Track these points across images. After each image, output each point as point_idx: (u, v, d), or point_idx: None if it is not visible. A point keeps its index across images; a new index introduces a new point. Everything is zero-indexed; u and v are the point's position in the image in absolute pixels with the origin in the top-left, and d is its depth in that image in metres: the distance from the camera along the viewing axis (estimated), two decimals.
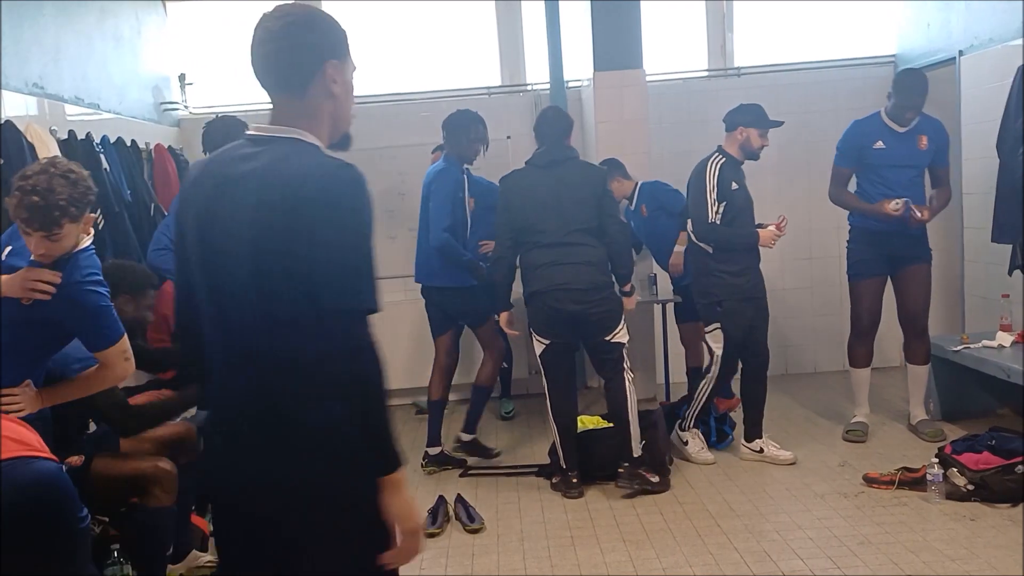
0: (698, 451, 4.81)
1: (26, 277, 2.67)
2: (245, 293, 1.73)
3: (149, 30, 6.01)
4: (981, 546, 3.57)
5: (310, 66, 1.82)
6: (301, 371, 1.71)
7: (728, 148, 4.77)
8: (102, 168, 4.54)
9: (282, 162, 1.74)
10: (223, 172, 1.81)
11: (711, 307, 4.68)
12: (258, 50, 1.80)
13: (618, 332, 4.41)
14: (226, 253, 1.75)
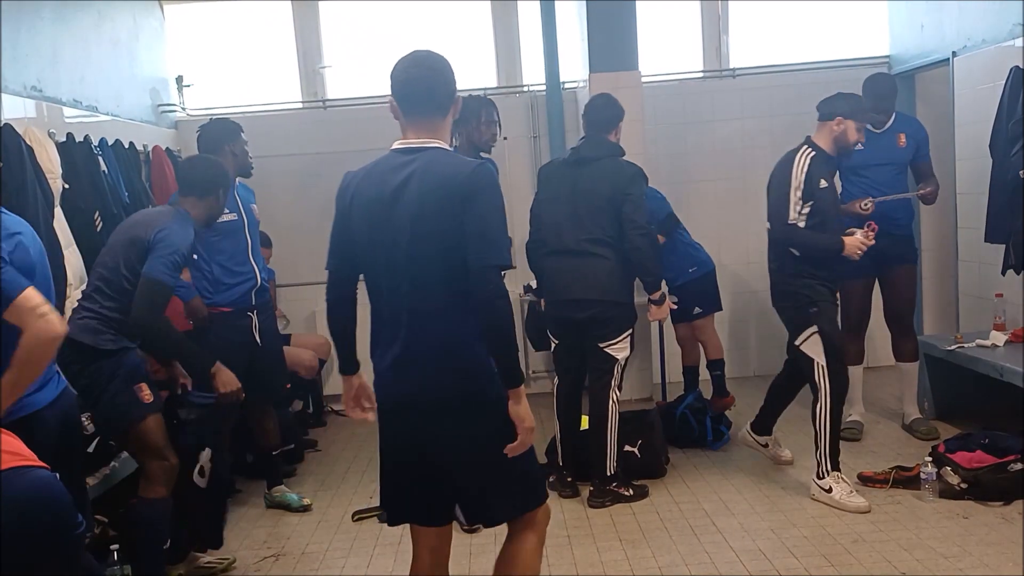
0: (847, 496, 4.04)
1: None
2: (410, 260, 2.42)
3: (146, 33, 6.03)
4: (974, 544, 3.61)
5: (450, 98, 2.55)
6: (452, 315, 2.41)
7: (819, 141, 4.22)
8: (100, 170, 4.57)
9: (435, 163, 2.44)
10: (386, 178, 2.48)
11: (803, 310, 4.12)
12: (418, 83, 2.50)
13: (614, 343, 4.25)
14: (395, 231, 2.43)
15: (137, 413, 3.37)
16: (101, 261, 3.52)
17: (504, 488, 2.51)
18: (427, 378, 2.44)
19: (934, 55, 5.88)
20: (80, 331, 3.34)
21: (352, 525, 4.32)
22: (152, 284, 3.34)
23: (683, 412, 5.15)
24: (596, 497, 4.31)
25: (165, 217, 3.56)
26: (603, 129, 4.36)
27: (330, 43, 6.79)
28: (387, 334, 2.53)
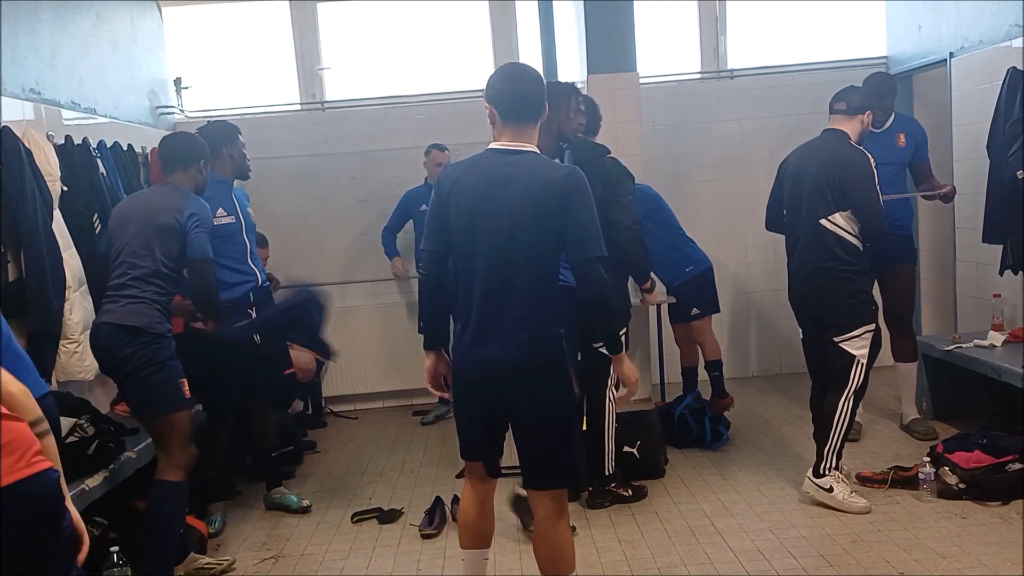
0: (848, 497, 4.02)
1: None
2: (506, 250, 2.75)
3: (144, 35, 6.03)
4: (972, 544, 3.61)
5: (542, 107, 2.87)
6: (537, 296, 2.77)
7: (852, 134, 4.10)
8: (99, 172, 4.57)
9: (535, 166, 2.78)
10: (487, 173, 2.81)
11: (863, 307, 4.02)
12: (516, 94, 2.80)
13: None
14: (495, 223, 2.75)
15: (180, 404, 3.57)
16: (129, 251, 3.58)
17: (558, 455, 2.82)
18: (511, 348, 2.77)
19: (931, 56, 5.89)
20: (129, 316, 3.49)
21: (351, 526, 4.32)
22: (205, 263, 3.64)
23: (682, 413, 5.16)
24: (595, 498, 4.31)
25: (180, 198, 3.67)
26: (589, 131, 4.36)
27: (328, 45, 6.79)
28: (478, 309, 2.82)
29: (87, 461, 3.59)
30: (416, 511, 4.37)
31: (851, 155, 4.03)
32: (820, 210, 4.01)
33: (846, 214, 3.98)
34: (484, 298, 2.80)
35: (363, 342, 6.48)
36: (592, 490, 4.32)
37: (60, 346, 4.08)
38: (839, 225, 4.00)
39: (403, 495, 4.68)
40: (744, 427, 5.44)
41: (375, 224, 6.47)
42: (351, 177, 6.53)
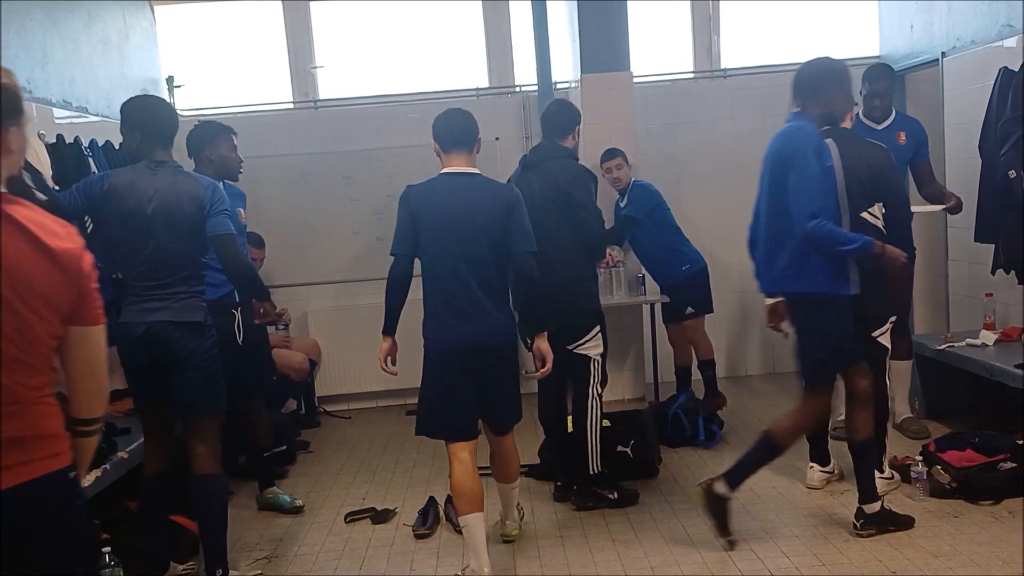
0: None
1: None
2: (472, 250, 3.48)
3: (137, 33, 6.01)
4: (964, 543, 3.63)
5: (475, 137, 3.65)
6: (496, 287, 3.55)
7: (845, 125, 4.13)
8: (91, 171, 4.54)
9: (487, 185, 3.59)
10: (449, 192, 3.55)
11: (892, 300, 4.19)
12: (458, 127, 3.59)
13: (583, 344, 4.19)
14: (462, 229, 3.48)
15: (225, 405, 3.64)
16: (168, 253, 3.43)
17: (511, 405, 3.71)
18: (484, 330, 3.52)
19: (924, 55, 5.91)
20: (188, 311, 3.47)
21: (345, 527, 4.32)
22: (233, 238, 3.58)
23: (676, 412, 5.16)
24: (580, 498, 4.30)
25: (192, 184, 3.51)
26: (555, 134, 4.34)
27: (321, 43, 6.78)
28: (452, 299, 3.52)
29: None
30: (410, 511, 4.36)
31: (877, 149, 4.09)
32: (859, 204, 3.96)
33: (877, 206, 4.00)
34: (463, 289, 3.50)
35: (356, 341, 6.46)
36: (578, 490, 4.31)
37: None
38: (876, 216, 4.01)
39: (396, 495, 4.67)
40: (738, 426, 5.45)
41: (368, 223, 6.47)
42: (344, 176, 6.52)
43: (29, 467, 1.85)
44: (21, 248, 1.82)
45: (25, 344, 1.84)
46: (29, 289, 1.82)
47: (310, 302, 6.60)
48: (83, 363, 1.97)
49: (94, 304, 1.95)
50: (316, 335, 6.49)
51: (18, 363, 1.83)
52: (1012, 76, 4.69)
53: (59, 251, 1.86)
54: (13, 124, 1.90)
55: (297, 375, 5.89)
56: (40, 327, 1.86)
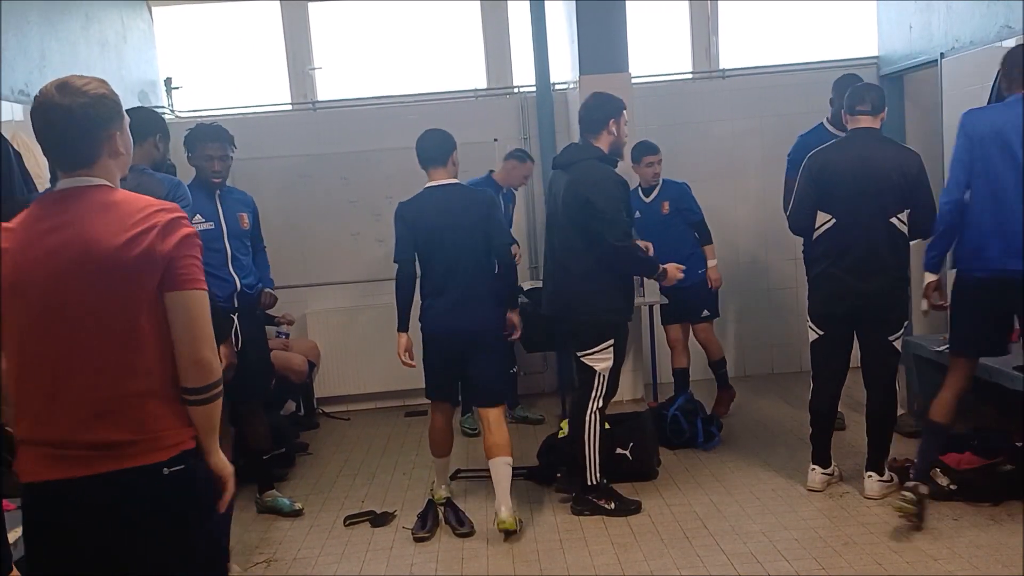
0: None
1: None
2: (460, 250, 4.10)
3: (135, 35, 6.00)
4: (963, 545, 3.63)
5: (448, 153, 4.22)
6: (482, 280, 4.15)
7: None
8: None
9: (463, 193, 4.22)
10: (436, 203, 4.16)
11: (909, 305, 4.28)
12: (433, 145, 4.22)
13: (591, 354, 4.16)
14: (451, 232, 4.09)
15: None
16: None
17: (501, 381, 4.31)
18: (469, 317, 4.10)
19: (922, 56, 5.91)
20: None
21: (344, 530, 4.32)
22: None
23: (674, 414, 5.16)
24: (576, 505, 4.28)
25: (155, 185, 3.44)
26: (587, 131, 4.21)
27: (320, 44, 6.77)
28: (444, 292, 4.13)
29: None
30: (409, 513, 4.36)
31: (911, 154, 4.11)
32: (891, 209, 4.00)
33: (905, 213, 4.02)
34: (451, 284, 4.11)
35: (355, 343, 6.46)
36: (575, 497, 4.29)
37: None
38: (904, 222, 4.04)
39: (396, 497, 4.67)
40: (736, 428, 5.45)
41: (367, 224, 6.46)
42: (343, 177, 6.51)
43: (116, 460, 1.99)
44: (106, 235, 1.99)
45: (129, 339, 2.00)
46: (114, 279, 1.98)
47: (309, 304, 6.59)
48: (177, 329, 2.03)
49: (184, 270, 2.03)
50: (315, 337, 6.48)
51: (119, 366, 2.00)
52: None
53: (146, 228, 2.00)
54: (117, 129, 2.10)
55: (296, 377, 5.88)
56: (135, 315, 2.00)
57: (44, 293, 2.00)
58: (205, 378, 2.06)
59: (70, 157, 2.06)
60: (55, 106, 2.04)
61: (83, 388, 2.00)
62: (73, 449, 1.99)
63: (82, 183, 2.06)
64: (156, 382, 2.03)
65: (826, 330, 4.24)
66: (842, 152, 4.12)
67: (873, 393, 4.23)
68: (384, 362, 6.45)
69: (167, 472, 2.02)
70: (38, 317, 2.01)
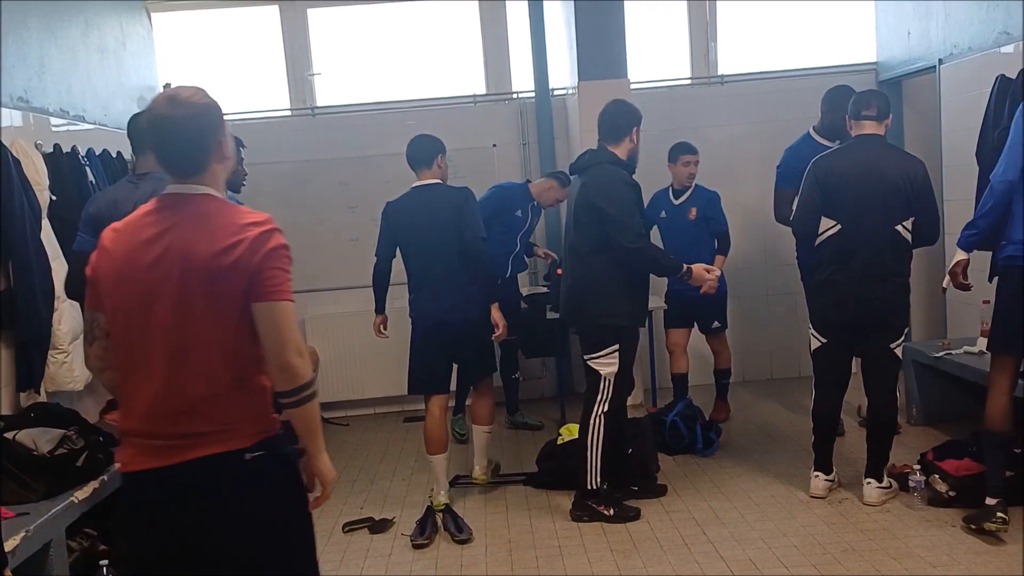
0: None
1: None
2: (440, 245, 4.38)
3: (134, 41, 6.00)
4: (962, 552, 3.63)
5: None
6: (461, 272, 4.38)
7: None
8: (88, 180, 4.54)
9: (444, 192, 4.47)
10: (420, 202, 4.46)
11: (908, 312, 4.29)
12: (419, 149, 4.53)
13: (596, 358, 4.17)
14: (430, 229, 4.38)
15: None
16: None
17: (486, 359, 4.62)
18: (452, 306, 4.37)
19: (921, 62, 5.92)
20: None
21: (342, 536, 4.31)
22: None
23: (673, 419, 5.16)
24: (575, 510, 4.28)
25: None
26: (607, 137, 4.22)
27: (319, 50, 6.78)
28: (426, 284, 4.43)
29: (76, 473, 3.56)
30: (407, 520, 4.36)
31: (917, 162, 4.11)
32: (897, 216, 4.00)
33: (910, 221, 4.03)
34: (430, 276, 4.41)
35: (354, 348, 6.46)
36: (574, 501, 4.29)
37: (49, 356, 4.06)
38: (908, 230, 4.05)
39: (394, 503, 4.66)
40: (735, 433, 5.45)
41: (366, 230, 6.45)
42: (342, 183, 6.51)
43: (188, 451, 2.13)
44: (202, 245, 2.11)
45: (221, 342, 2.12)
46: (207, 283, 2.10)
47: (307, 309, 6.59)
48: (264, 337, 2.14)
49: (269, 282, 2.12)
50: (313, 342, 6.46)
51: (212, 366, 2.13)
52: (1009, 83, 4.69)
53: (238, 241, 2.11)
54: (222, 135, 2.24)
55: None
56: (221, 316, 2.12)
57: (145, 294, 2.14)
58: (292, 382, 2.14)
59: (184, 165, 2.19)
60: (168, 118, 2.16)
61: (177, 386, 2.13)
62: (163, 439, 2.14)
63: (188, 191, 2.19)
64: (243, 381, 2.17)
65: (829, 337, 4.22)
66: (848, 158, 4.12)
67: (874, 400, 4.22)
68: (383, 368, 6.47)
69: (248, 458, 2.16)
70: (138, 315, 2.15)
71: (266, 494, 2.20)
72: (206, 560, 2.19)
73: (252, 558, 2.21)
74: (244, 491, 2.17)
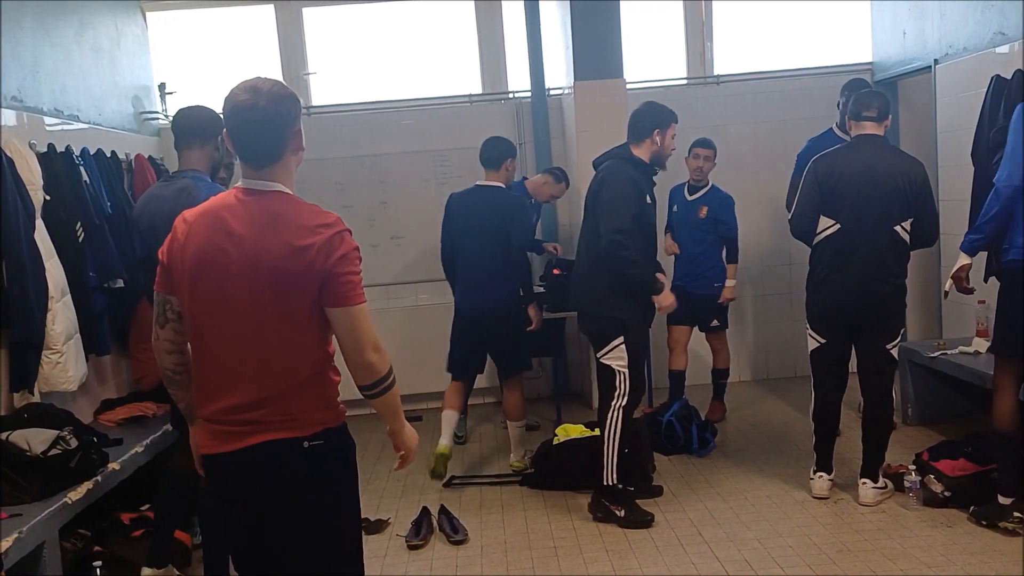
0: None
1: None
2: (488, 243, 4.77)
3: (128, 40, 5.98)
4: (957, 553, 3.63)
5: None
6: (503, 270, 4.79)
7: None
8: (82, 180, 4.52)
9: (498, 195, 4.86)
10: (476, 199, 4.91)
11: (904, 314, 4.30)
12: (488, 149, 4.92)
13: (606, 354, 4.16)
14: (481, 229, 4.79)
15: None
16: None
17: (520, 351, 4.96)
18: (490, 301, 4.78)
19: (916, 62, 5.92)
20: None
21: None
22: None
23: (669, 419, 5.16)
24: (592, 506, 4.27)
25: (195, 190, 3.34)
26: (631, 136, 4.22)
27: (314, 49, 6.76)
28: (471, 277, 4.86)
29: (70, 473, 3.55)
30: (403, 521, 4.35)
31: (916, 163, 4.12)
32: (896, 217, 4.01)
33: (908, 222, 4.03)
34: (475, 272, 4.82)
35: None
36: (591, 497, 4.28)
37: (43, 356, 4.04)
38: (907, 231, 4.05)
39: (389, 504, 4.65)
40: (731, 434, 5.45)
41: (362, 230, 6.44)
42: (337, 183, 6.50)
43: (252, 436, 2.25)
44: (273, 246, 2.18)
45: (290, 340, 2.22)
46: (280, 283, 2.18)
47: None
48: (341, 338, 2.25)
49: (343, 287, 2.20)
50: None
51: (280, 361, 2.23)
52: (1005, 84, 4.69)
53: (309, 244, 2.17)
54: (299, 125, 2.33)
55: None
56: (294, 311, 2.20)
57: (218, 288, 2.21)
58: (373, 376, 2.29)
59: (261, 154, 2.24)
60: (250, 106, 2.21)
61: (251, 380, 2.23)
62: (233, 426, 2.26)
63: (261, 187, 2.25)
64: (314, 378, 2.27)
65: (827, 338, 4.22)
66: (849, 158, 4.12)
67: (870, 400, 4.23)
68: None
69: (307, 445, 2.27)
70: (210, 308, 2.23)
71: (321, 480, 2.31)
72: (274, 536, 2.33)
73: (305, 541, 2.33)
74: (301, 475, 2.28)
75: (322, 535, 2.35)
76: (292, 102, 2.29)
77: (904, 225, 4.03)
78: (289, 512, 2.31)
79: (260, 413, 2.24)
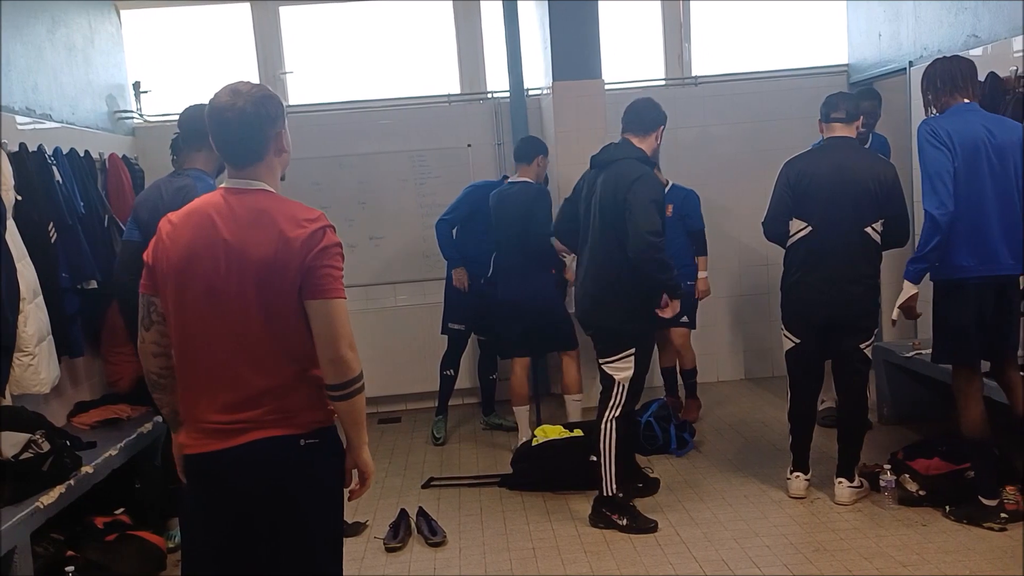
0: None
1: None
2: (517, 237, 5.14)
3: (102, 38, 5.91)
4: (932, 551, 3.66)
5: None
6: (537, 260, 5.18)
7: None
8: (55, 180, 4.46)
9: (523, 189, 5.19)
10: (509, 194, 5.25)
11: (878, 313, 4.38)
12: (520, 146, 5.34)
13: (611, 362, 4.08)
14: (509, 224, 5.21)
15: None
16: None
17: (563, 332, 5.19)
18: (523, 288, 5.14)
19: (891, 64, 5.96)
20: None
21: None
22: None
23: (648, 420, 5.16)
24: (593, 516, 4.19)
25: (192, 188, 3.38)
26: (634, 130, 4.15)
27: (291, 48, 6.72)
28: (506, 267, 5.25)
29: (42, 477, 3.50)
30: (381, 524, 4.33)
31: (886, 164, 4.16)
32: (867, 218, 4.03)
33: (880, 223, 4.05)
34: (510, 260, 5.19)
35: None
36: (592, 507, 4.21)
37: (14, 359, 3.98)
38: (878, 232, 4.07)
39: (367, 507, 4.62)
40: (708, 434, 5.47)
41: (340, 230, 6.34)
42: (315, 183, 6.44)
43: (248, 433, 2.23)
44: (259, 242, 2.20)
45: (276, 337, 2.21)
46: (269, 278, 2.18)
47: None
48: (316, 331, 2.21)
49: (321, 280, 2.19)
50: None
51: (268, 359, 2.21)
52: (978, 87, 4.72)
53: (292, 238, 2.19)
54: (282, 127, 2.35)
55: None
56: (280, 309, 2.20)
57: (204, 287, 2.21)
58: (344, 375, 2.22)
59: (242, 154, 2.28)
60: (229, 107, 2.25)
61: (239, 378, 2.22)
62: (224, 424, 2.23)
63: (245, 185, 2.28)
64: (303, 374, 2.24)
65: (802, 338, 4.24)
66: (819, 160, 4.15)
67: (845, 400, 4.25)
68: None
69: (303, 443, 2.25)
70: (199, 306, 2.22)
71: (313, 480, 2.29)
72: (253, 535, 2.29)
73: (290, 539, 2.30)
74: (295, 473, 2.26)
75: (308, 534, 2.32)
76: (273, 104, 2.31)
77: (875, 226, 4.06)
78: (277, 510, 2.29)
79: (255, 412, 2.23)
